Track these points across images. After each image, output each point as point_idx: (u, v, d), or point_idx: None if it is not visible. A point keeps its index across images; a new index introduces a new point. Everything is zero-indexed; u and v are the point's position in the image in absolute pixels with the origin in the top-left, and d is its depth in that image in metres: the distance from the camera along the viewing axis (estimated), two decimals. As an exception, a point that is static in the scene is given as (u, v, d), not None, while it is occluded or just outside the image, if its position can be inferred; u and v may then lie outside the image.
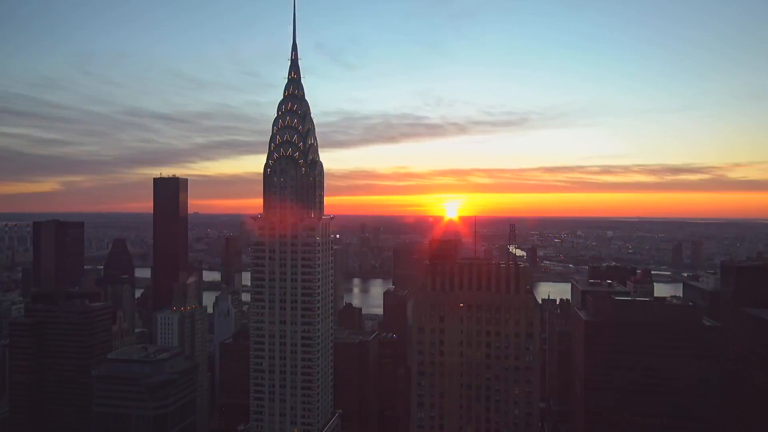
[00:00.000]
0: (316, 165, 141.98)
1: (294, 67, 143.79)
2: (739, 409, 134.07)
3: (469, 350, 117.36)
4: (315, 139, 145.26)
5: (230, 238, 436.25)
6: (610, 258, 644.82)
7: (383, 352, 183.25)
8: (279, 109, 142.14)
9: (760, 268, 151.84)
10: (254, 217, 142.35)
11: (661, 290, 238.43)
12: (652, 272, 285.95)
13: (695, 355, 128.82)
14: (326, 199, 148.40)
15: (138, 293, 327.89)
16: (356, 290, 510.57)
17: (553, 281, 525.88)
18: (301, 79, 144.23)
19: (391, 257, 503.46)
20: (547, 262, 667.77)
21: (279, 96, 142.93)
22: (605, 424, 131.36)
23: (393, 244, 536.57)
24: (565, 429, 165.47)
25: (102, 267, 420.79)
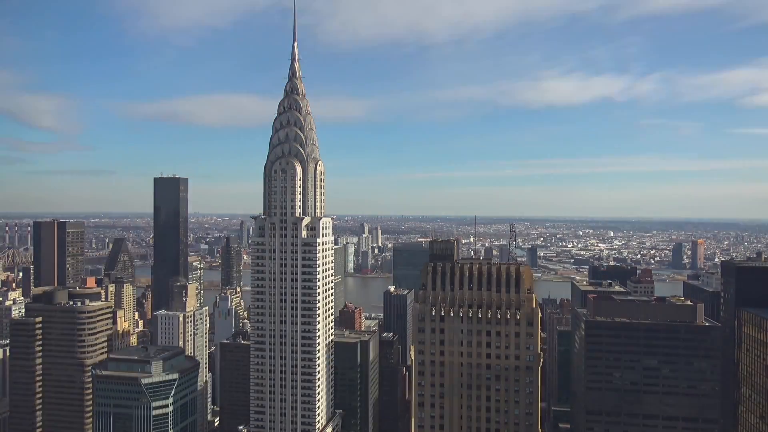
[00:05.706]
0: (317, 164, 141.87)
1: (294, 66, 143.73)
2: (739, 409, 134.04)
3: (469, 350, 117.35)
4: (316, 138, 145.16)
5: (230, 238, 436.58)
6: (610, 258, 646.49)
7: (383, 352, 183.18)
8: (279, 108, 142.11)
9: (760, 268, 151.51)
10: (254, 217, 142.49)
11: (661, 290, 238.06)
12: (652, 272, 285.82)
13: (695, 355, 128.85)
14: (326, 199, 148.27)
15: (138, 293, 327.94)
16: (356, 290, 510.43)
17: (553, 281, 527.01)
18: (302, 78, 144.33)
19: (391, 257, 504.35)
20: (548, 263, 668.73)
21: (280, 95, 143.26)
22: (605, 424, 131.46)
23: (393, 244, 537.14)
24: (565, 429, 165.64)
25: (102, 267, 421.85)
